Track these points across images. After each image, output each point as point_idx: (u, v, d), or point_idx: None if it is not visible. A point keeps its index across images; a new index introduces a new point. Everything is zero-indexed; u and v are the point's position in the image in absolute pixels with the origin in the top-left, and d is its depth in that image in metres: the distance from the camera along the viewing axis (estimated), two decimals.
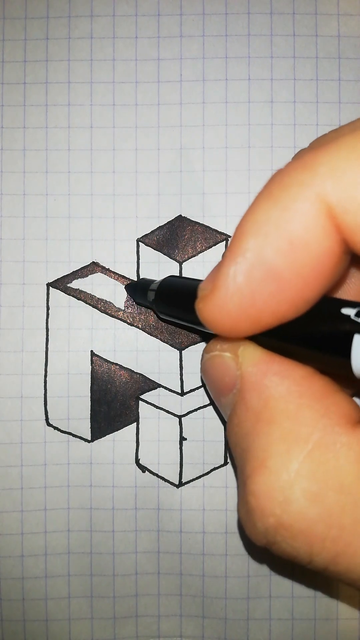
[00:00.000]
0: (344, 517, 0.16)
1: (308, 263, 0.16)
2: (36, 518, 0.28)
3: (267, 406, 0.17)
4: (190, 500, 0.28)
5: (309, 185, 0.15)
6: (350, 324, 0.16)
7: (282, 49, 0.28)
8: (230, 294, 0.16)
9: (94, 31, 0.29)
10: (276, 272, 0.16)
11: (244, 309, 0.16)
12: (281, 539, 0.17)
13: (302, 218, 0.15)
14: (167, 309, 0.25)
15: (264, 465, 0.17)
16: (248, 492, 0.17)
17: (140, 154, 0.29)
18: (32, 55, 0.29)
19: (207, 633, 0.28)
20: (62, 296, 0.28)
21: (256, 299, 0.16)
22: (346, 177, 0.15)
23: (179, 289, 0.25)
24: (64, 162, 0.29)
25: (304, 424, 0.17)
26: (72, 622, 0.28)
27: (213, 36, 0.29)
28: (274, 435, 0.17)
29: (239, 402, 0.18)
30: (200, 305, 0.17)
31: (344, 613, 0.28)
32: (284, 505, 0.16)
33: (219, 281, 0.16)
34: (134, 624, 0.28)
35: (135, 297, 0.28)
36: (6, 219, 0.29)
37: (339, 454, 0.16)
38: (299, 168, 0.16)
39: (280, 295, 0.16)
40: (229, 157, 0.28)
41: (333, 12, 0.28)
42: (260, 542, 0.17)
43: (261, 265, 0.16)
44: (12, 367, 0.28)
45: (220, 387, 0.19)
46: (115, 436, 0.28)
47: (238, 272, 0.16)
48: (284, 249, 0.15)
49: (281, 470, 0.16)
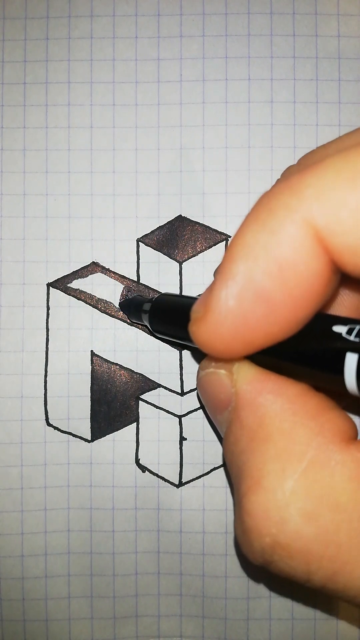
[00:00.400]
0: (340, 536, 0.16)
1: (298, 285, 0.16)
2: (36, 518, 0.28)
3: (261, 424, 0.17)
4: (190, 500, 0.28)
5: (295, 209, 0.15)
6: (342, 341, 0.16)
7: (282, 49, 0.28)
8: (223, 317, 0.16)
9: (94, 31, 0.29)
10: (266, 295, 0.16)
11: (237, 331, 0.16)
12: (278, 559, 0.17)
13: (290, 241, 0.15)
14: (162, 328, 0.25)
15: (259, 484, 0.17)
16: (244, 512, 0.17)
17: (140, 154, 0.29)
18: (32, 55, 0.29)
19: (207, 633, 0.28)
20: (62, 296, 0.28)
21: (248, 321, 0.16)
22: (332, 200, 0.15)
23: (171, 308, 0.25)
24: (64, 162, 0.29)
25: (299, 442, 0.17)
26: (72, 622, 0.28)
27: (213, 36, 0.29)
28: (269, 453, 0.17)
29: (234, 420, 0.18)
30: (194, 329, 0.17)
31: (344, 613, 0.28)
32: (280, 525, 0.16)
33: (210, 304, 0.17)
34: (134, 624, 0.28)
35: (129, 315, 0.28)
36: (6, 219, 0.29)
37: (334, 471, 0.16)
38: (285, 191, 0.16)
39: (271, 316, 0.16)
40: (229, 157, 0.28)
41: (333, 12, 0.28)
42: (257, 561, 0.17)
43: (251, 288, 0.16)
44: (12, 367, 0.28)
45: (216, 404, 0.19)
46: (115, 436, 0.28)
47: (229, 295, 0.16)
48: (273, 271, 0.16)
49: (276, 489, 0.16)
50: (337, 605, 0.28)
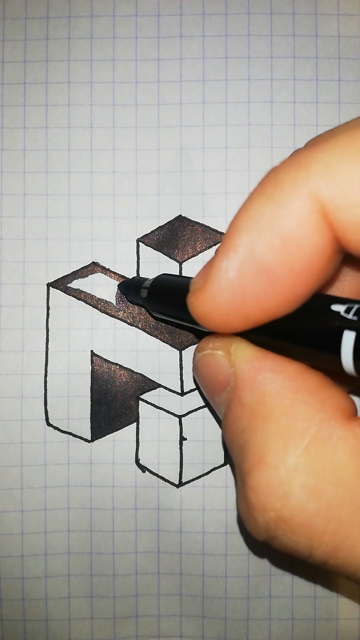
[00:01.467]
0: (342, 511, 0.16)
1: (300, 260, 0.16)
2: (36, 518, 0.28)
3: (262, 402, 0.17)
4: (190, 500, 0.28)
5: (302, 183, 0.15)
6: (340, 320, 0.16)
7: (282, 49, 0.28)
8: (222, 289, 0.16)
9: (94, 31, 0.29)
10: (268, 268, 0.16)
11: (235, 304, 0.16)
12: (282, 533, 0.17)
13: (295, 215, 0.15)
14: (160, 306, 0.25)
15: (262, 461, 0.17)
16: (248, 489, 0.17)
17: (140, 154, 0.29)
18: (32, 56, 0.29)
19: (207, 633, 0.28)
20: (62, 296, 0.28)
21: (247, 295, 0.16)
22: (339, 175, 0.15)
23: (171, 286, 0.24)
24: (64, 162, 0.29)
25: (300, 419, 0.17)
26: (72, 622, 0.28)
27: (213, 36, 0.29)
28: (271, 431, 0.17)
29: (234, 399, 0.18)
30: (192, 299, 0.17)
31: (344, 613, 0.28)
32: (284, 500, 0.16)
33: (210, 275, 0.16)
34: (134, 624, 0.28)
35: (127, 295, 0.28)
36: (6, 219, 0.29)
37: (336, 447, 0.16)
38: (293, 166, 0.16)
39: (271, 291, 0.16)
40: (229, 157, 0.28)
41: (333, 12, 0.28)
42: (261, 536, 0.18)
43: (253, 261, 0.16)
44: (12, 367, 0.28)
45: (214, 386, 0.20)
46: (115, 436, 0.28)
47: (230, 266, 0.16)
48: (276, 245, 0.16)
49: (279, 466, 0.16)
50: (337, 605, 0.28)
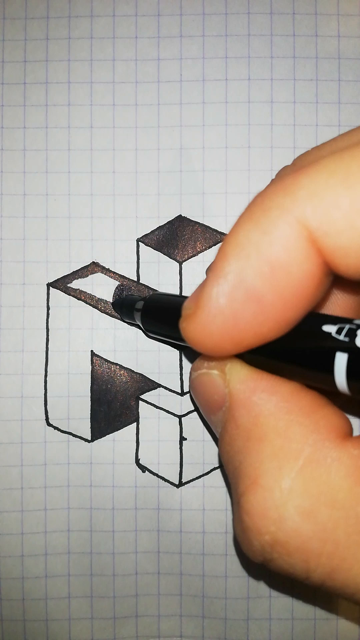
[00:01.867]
0: (337, 533, 0.16)
1: (289, 285, 0.16)
2: (36, 518, 0.28)
3: (256, 423, 0.17)
4: (190, 500, 0.28)
5: (288, 209, 0.15)
6: (331, 341, 0.16)
7: (282, 49, 0.28)
8: (213, 315, 0.16)
9: (94, 31, 0.29)
10: (257, 294, 0.16)
11: (227, 329, 0.16)
12: (278, 556, 0.17)
13: (283, 242, 0.15)
14: (154, 327, 0.25)
15: (256, 483, 0.17)
16: (242, 511, 0.17)
17: (140, 154, 0.29)
18: (32, 56, 0.29)
19: (207, 633, 0.28)
20: (62, 296, 0.28)
21: (238, 320, 0.16)
22: (325, 202, 0.15)
23: (164, 307, 0.25)
24: (64, 162, 0.29)
25: (294, 440, 0.17)
26: (72, 622, 0.28)
27: (213, 36, 0.29)
28: (265, 452, 0.17)
29: (229, 420, 0.18)
30: (184, 325, 0.17)
31: (344, 613, 0.28)
32: (279, 523, 0.16)
33: (201, 301, 0.17)
34: (134, 624, 0.28)
35: (122, 315, 0.28)
36: (6, 219, 0.29)
37: (330, 469, 0.16)
38: (279, 192, 0.16)
39: (261, 316, 0.16)
40: (229, 157, 0.28)
41: (333, 12, 0.28)
42: (257, 559, 0.17)
43: (242, 287, 0.16)
44: (12, 367, 0.28)
45: (210, 405, 0.20)
46: (115, 436, 0.28)
47: (220, 293, 0.16)
48: (264, 271, 0.16)
49: (274, 488, 0.16)
50: (337, 605, 0.28)
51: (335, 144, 0.18)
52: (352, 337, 0.16)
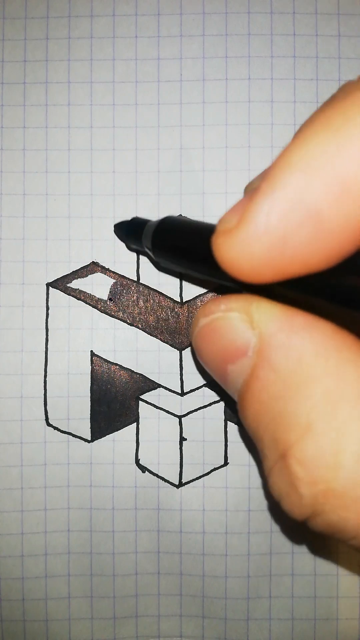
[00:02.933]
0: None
1: (358, 210, 0.13)
2: (36, 518, 0.28)
3: (301, 364, 0.15)
4: (190, 501, 0.28)
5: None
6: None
7: (282, 49, 0.28)
8: (260, 234, 0.14)
9: (94, 31, 0.29)
10: (319, 217, 0.14)
11: (272, 253, 0.14)
12: (330, 508, 0.15)
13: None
14: (169, 254, 0.21)
15: (309, 429, 0.15)
16: (294, 461, 0.15)
17: (140, 153, 0.28)
18: (32, 55, 0.29)
19: (207, 633, 0.28)
20: (62, 296, 0.28)
21: (288, 244, 0.14)
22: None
23: (183, 228, 0.21)
24: (64, 162, 0.29)
25: (349, 381, 0.15)
26: (72, 622, 0.28)
27: (213, 35, 0.29)
28: (316, 395, 0.15)
29: (261, 364, 0.16)
30: (219, 241, 0.15)
31: (344, 613, 0.28)
32: (335, 471, 0.15)
33: (248, 215, 0.14)
34: (134, 624, 0.28)
35: (127, 240, 0.25)
36: (6, 219, 0.29)
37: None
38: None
39: (317, 243, 0.14)
40: (229, 157, 0.28)
41: (333, 12, 0.28)
42: (304, 514, 0.16)
43: (303, 207, 0.14)
44: (12, 367, 0.28)
45: (228, 353, 0.17)
46: (115, 436, 0.28)
47: (273, 209, 0.14)
48: (334, 191, 0.13)
49: (329, 433, 0.15)
50: (337, 605, 0.28)
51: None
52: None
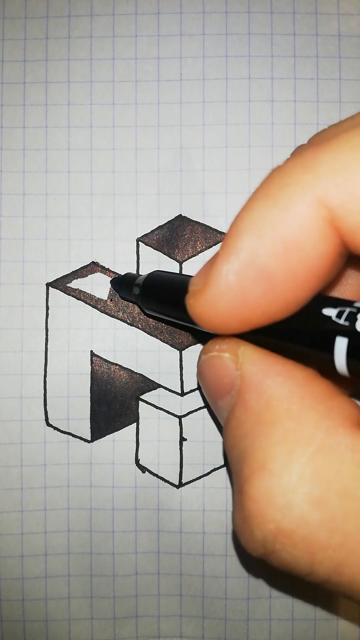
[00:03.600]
0: (347, 523, 0.15)
1: (302, 266, 0.15)
2: (36, 518, 0.28)
3: (268, 406, 0.17)
4: (190, 501, 0.28)
5: (309, 186, 0.15)
6: (332, 324, 0.16)
7: (283, 48, 0.28)
8: (222, 292, 0.16)
9: (93, 30, 0.29)
10: (269, 274, 0.16)
11: (235, 307, 0.16)
12: (281, 547, 0.16)
13: (300, 220, 0.15)
14: (153, 304, 0.25)
15: (264, 467, 0.16)
16: (246, 497, 0.16)
17: (140, 153, 0.28)
18: (32, 55, 0.29)
19: (207, 633, 0.28)
20: (61, 296, 0.28)
21: (247, 299, 0.16)
22: (349, 178, 0.14)
23: (165, 283, 0.24)
24: (64, 162, 0.29)
25: (307, 425, 0.16)
26: (72, 622, 0.28)
27: (213, 35, 0.28)
28: (275, 436, 0.16)
29: (238, 403, 0.18)
30: (191, 301, 0.17)
31: (344, 613, 0.28)
32: (285, 510, 0.15)
33: (211, 278, 0.16)
34: (134, 624, 0.28)
35: (120, 291, 0.28)
36: (6, 218, 0.29)
37: (343, 456, 0.15)
38: (299, 167, 0.15)
39: (271, 296, 0.16)
40: (229, 157, 0.28)
41: (333, 12, 0.28)
42: (257, 551, 0.17)
43: (254, 266, 0.16)
44: (12, 367, 0.28)
45: (218, 389, 0.19)
46: (115, 436, 0.28)
47: (230, 270, 0.16)
48: (278, 250, 0.15)
49: (282, 473, 0.16)
50: (337, 605, 0.28)
51: (355, 119, 0.17)
52: (352, 321, 0.15)
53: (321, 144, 0.15)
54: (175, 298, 0.22)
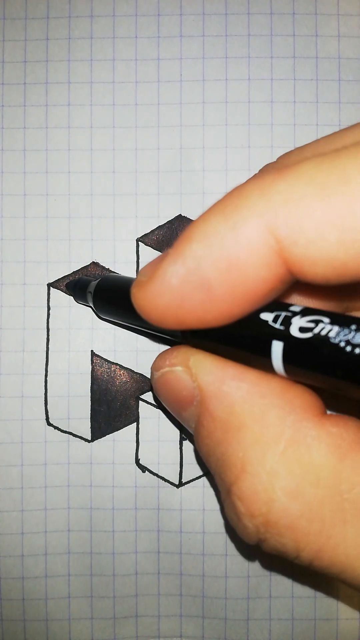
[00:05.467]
0: (323, 511, 0.16)
1: (241, 286, 0.16)
2: (36, 518, 0.28)
3: (232, 412, 0.18)
4: (190, 500, 0.28)
5: (260, 212, 0.15)
6: (268, 329, 0.16)
7: (282, 49, 0.28)
8: (162, 291, 0.17)
9: (94, 31, 0.29)
10: (208, 285, 0.16)
11: (172, 307, 0.17)
12: (270, 536, 0.17)
13: (247, 243, 0.15)
14: (105, 307, 0.25)
15: (244, 471, 0.17)
16: (235, 498, 0.17)
17: (140, 153, 0.29)
18: (33, 56, 0.29)
19: (207, 633, 0.28)
20: (62, 296, 0.29)
21: (185, 303, 0.17)
22: (298, 210, 0.15)
23: (115, 286, 0.25)
24: (64, 162, 0.29)
25: (273, 424, 0.17)
26: (72, 622, 0.28)
27: (213, 36, 0.29)
28: (247, 440, 0.17)
29: (203, 413, 0.18)
30: (134, 290, 0.18)
31: (344, 613, 0.28)
32: (269, 504, 0.17)
33: (155, 275, 0.17)
34: (134, 624, 0.28)
35: (74, 296, 0.28)
36: (7, 219, 0.29)
37: (311, 448, 0.16)
38: (255, 191, 0.16)
39: (208, 306, 0.16)
40: (229, 157, 0.28)
41: (333, 12, 0.28)
42: (252, 540, 0.18)
43: (196, 274, 0.16)
44: (12, 366, 0.28)
45: (179, 402, 0.20)
46: (115, 436, 0.28)
47: (174, 273, 0.16)
48: (221, 266, 0.16)
49: (260, 473, 0.17)
50: (337, 605, 0.28)
51: (318, 147, 0.18)
52: (287, 325, 0.16)
53: (281, 170, 0.16)
54: (126, 302, 0.23)
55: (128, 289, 0.20)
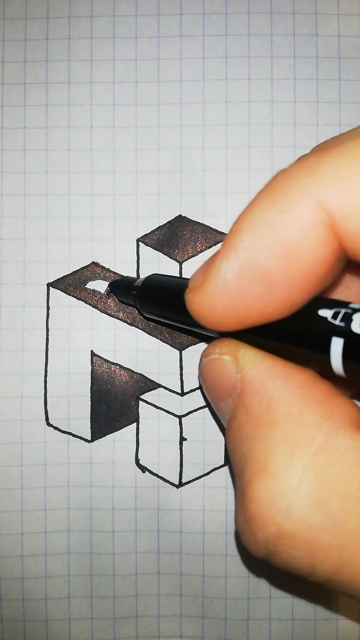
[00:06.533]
0: (349, 524, 0.15)
1: (300, 269, 0.16)
2: (36, 518, 0.28)
3: (268, 409, 0.17)
4: (190, 501, 0.28)
5: (310, 190, 0.15)
6: (328, 325, 0.16)
7: (282, 49, 0.28)
8: (220, 290, 0.16)
9: (94, 31, 0.29)
10: (267, 274, 0.16)
11: (232, 305, 0.16)
12: (282, 549, 0.16)
13: (300, 223, 0.15)
14: (151, 307, 0.25)
15: (264, 470, 0.16)
16: (248, 500, 0.16)
17: (140, 153, 0.29)
18: (33, 56, 0.29)
19: (207, 633, 0.28)
20: (62, 296, 0.28)
21: (244, 298, 0.16)
22: (348, 184, 0.15)
23: (163, 286, 0.25)
24: (64, 162, 0.29)
25: (307, 427, 0.16)
26: (72, 622, 0.28)
27: (213, 36, 0.29)
28: (276, 438, 0.16)
29: (239, 406, 0.18)
30: (189, 296, 0.17)
31: (344, 613, 0.28)
32: (286, 513, 0.15)
33: (209, 275, 0.17)
34: (134, 624, 0.28)
35: (118, 295, 0.28)
36: (7, 219, 0.29)
37: (344, 457, 0.16)
38: (301, 171, 0.16)
39: (268, 296, 0.16)
40: (229, 157, 0.28)
41: (333, 12, 0.28)
42: (259, 553, 0.17)
43: (253, 266, 0.16)
44: (12, 367, 0.28)
45: (220, 392, 0.19)
46: (115, 436, 0.28)
47: (229, 269, 0.16)
48: (277, 252, 0.16)
49: (283, 475, 0.16)
50: (337, 605, 0.28)
51: (355, 131, 0.17)
52: (347, 322, 0.16)
53: (323, 151, 0.16)
54: (173, 301, 0.23)
55: (174, 289, 0.20)
